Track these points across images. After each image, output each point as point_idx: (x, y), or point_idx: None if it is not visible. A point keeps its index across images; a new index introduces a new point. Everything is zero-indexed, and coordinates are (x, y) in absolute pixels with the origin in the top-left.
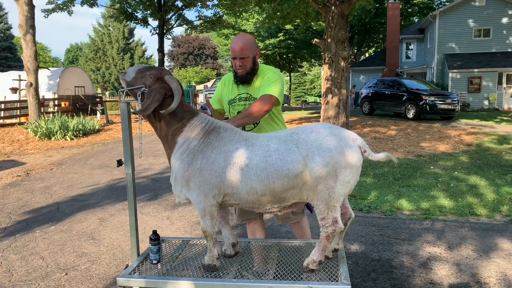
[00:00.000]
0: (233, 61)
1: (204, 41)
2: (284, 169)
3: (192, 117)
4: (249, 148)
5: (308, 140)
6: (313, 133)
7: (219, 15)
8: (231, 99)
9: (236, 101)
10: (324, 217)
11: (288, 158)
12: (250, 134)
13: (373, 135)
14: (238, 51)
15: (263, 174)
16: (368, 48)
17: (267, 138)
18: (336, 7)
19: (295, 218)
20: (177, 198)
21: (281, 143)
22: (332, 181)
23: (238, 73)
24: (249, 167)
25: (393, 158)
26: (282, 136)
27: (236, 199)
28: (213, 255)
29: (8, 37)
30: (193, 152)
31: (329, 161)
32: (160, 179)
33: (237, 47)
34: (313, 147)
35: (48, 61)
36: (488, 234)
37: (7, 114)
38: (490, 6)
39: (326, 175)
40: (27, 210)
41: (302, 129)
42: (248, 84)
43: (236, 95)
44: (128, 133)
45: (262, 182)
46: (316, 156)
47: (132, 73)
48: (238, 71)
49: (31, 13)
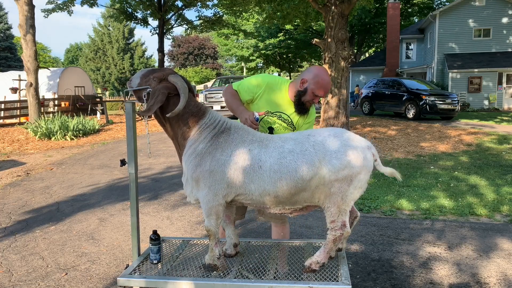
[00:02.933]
0: (313, 97)
1: (204, 41)
2: (298, 170)
3: (200, 119)
4: (262, 149)
5: (325, 143)
6: (330, 137)
7: (219, 15)
8: (272, 112)
9: (274, 116)
10: (334, 220)
11: (303, 159)
12: (264, 135)
13: (373, 135)
14: (326, 93)
15: (277, 176)
16: (368, 48)
17: (282, 139)
18: (336, 7)
19: (279, 218)
20: (188, 198)
21: (297, 144)
22: (346, 185)
23: (307, 106)
24: (263, 169)
25: (398, 176)
26: (299, 138)
27: (248, 199)
28: (214, 254)
29: (8, 37)
30: (200, 154)
31: (347, 165)
32: (160, 179)
33: (329, 87)
34: (330, 150)
35: (48, 61)
36: (488, 234)
37: (7, 114)
38: (490, 6)
39: (342, 179)
40: (27, 210)
41: (318, 131)
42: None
43: (277, 111)
44: (132, 133)
45: (275, 184)
46: (333, 159)
47: (137, 79)
48: (309, 106)
49: (31, 13)
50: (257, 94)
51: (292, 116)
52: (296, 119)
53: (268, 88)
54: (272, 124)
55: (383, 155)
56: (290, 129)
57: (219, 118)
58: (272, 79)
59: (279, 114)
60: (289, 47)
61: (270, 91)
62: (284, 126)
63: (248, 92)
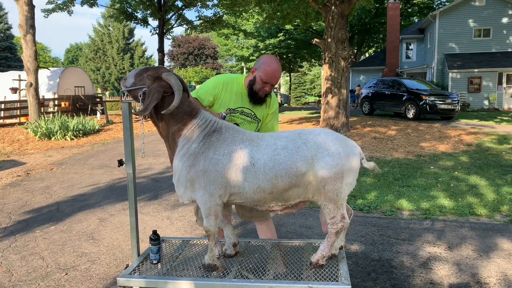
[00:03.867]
0: (263, 84)
1: (204, 41)
2: (293, 167)
3: (192, 118)
4: (255, 148)
5: (317, 141)
6: (321, 135)
7: (219, 15)
8: (232, 108)
9: (237, 112)
10: (334, 216)
11: (297, 156)
12: (255, 134)
13: (373, 135)
14: (276, 79)
15: (271, 173)
16: (368, 48)
17: (274, 137)
18: (336, 7)
19: (261, 215)
20: (181, 199)
21: (289, 141)
22: (339, 183)
23: (260, 95)
24: (256, 167)
25: (377, 168)
26: (290, 136)
27: (242, 198)
28: (213, 254)
29: (8, 37)
30: (194, 154)
31: (338, 162)
32: (160, 179)
33: (277, 74)
34: (322, 148)
35: (48, 61)
36: (488, 234)
37: (7, 114)
38: (490, 6)
39: (334, 176)
40: (27, 210)
41: (308, 131)
42: (258, 105)
43: (239, 107)
44: (129, 133)
45: (270, 181)
46: (326, 157)
47: (131, 78)
48: (262, 94)
49: (31, 13)
50: (216, 95)
51: (255, 109)
52: (259, 112)
53: (225, 86)
54: (236, 121)
55: (383, 155)
56: (254, 123)
57: (210, 118)
58: (227, 77)
59: (241, 109)
60: (289, 47)
61: (227, 88)
62: (248, 120)
63: (208, 95)
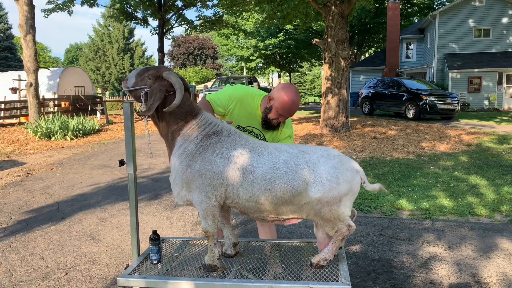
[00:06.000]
0: (278, 116)
1: (204, 41)
2: (289, 184)
3: (192, 118)
4: (256, 156)
5: (318, 162)
6: (323, 157)
7: (219, 15)
8: (242, 126)
9: (246, 131)
10: (336, 230)
11: (296, 174)
12: (258, 141)
13: (373, 135)
14: (292, 113)
15: (267, 185)
16: (368, 48)
17: (277, 149)
18: (336, 7)
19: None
20: (176, 199)
21: (291, 157)
22: (336, 206)
23: (273, 123)
24: (254, 176)
25: (384, 189)
26: (294, 152)
27: (234, 203)
28: (213, 255)
29: (8, 37)
30: (191, 154)
31: (336, 187)
32: (160, 179)
33: (294, 109)
34: (322, 170)
35: (48, 61)
36: (488, 234)
37: (7, 114)
38: (490, 6)
39: (331, 201)
40: (27, 210)
41: (312, 150)
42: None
43: (248, 126)
44: (130, 133)
45: (264, 193)
46: (324, 180)
47: (132, 79)
48: (275, 123)
49: (31, 13)
50: (228, 108)
51: (264, 132)
52: (268, 135)
53: (240, 101)
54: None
55: (383, 155)
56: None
57: (211, 119)
58: (245, 93)
59: (251, 129)
60: (289, 47)
61: (241, 105)
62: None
63: (220, 105)
